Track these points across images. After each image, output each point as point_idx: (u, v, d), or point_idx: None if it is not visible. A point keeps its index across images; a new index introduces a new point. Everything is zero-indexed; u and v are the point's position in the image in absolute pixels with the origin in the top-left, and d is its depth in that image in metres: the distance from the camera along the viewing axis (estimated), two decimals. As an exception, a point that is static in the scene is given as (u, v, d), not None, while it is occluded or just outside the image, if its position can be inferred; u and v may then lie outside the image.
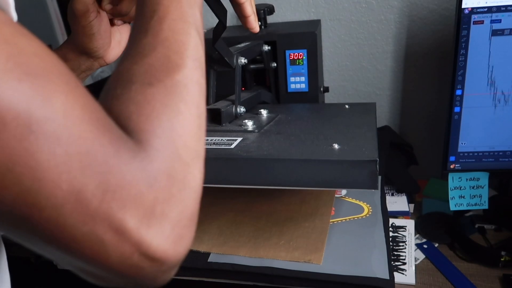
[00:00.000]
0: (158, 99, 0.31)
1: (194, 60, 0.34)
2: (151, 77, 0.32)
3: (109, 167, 0.26)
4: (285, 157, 0.54)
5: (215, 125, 0.70)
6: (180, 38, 0.35)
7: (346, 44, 1.02)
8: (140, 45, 0.34)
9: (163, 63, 0.33)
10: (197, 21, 0.37)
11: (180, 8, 0.36)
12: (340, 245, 0.66)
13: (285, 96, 0.95)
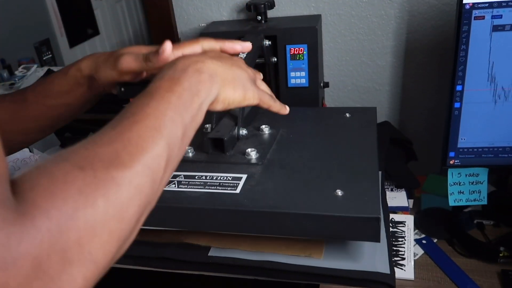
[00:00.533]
0: (77, 184, 0.28)
1: (145, 167, 0.33)
2: (86, 162, 0.30)
3: None
4: (291, 211, 0.55)
5: (219, 153, 0.71)
6: (142, 144, 0.34)
7: (346, 39, 1.02)
8: (103, 135, 0.34)
9: (109, 156, 0.31)
10: (175, 132, 0.37)
11: (163, 116, 0.36)
12: (341, 239, 0.66)
13: (286, 91, 0.95)
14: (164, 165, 0.35)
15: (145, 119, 0.35)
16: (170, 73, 0.41)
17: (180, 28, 1.07)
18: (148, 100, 0.37)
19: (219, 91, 0.43)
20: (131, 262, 0.63)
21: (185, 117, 0.38)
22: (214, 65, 0.44)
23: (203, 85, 0.41)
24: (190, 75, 0.41)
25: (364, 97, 1.07)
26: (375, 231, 0.53)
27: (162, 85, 0.39)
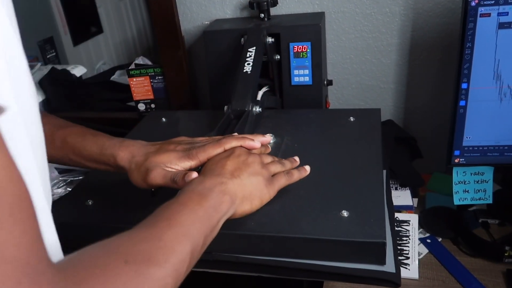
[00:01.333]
0: (123, 278, 0.34)
1: (173, 268, 0.38)
2: (131, 257, 0.35)
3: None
4: (297, 235, 0.56)
5: None
6: (174, 247, 0.40)
7: (350, 37, 1.01)
8: (142, 232, 0.40)
9: (148, 254, 0.37)
10: (198, 241, 0.43)
11: (192, 226, 0.43)
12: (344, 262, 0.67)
13: (289, 89, 0.94)
14: (186, 268, 0.40)
15: (177, 226, 0.42)
16: (200, 189, 0.49)
17: (184, 26, 1.07)
18: (181, 209, 0.45)
19: (236, 209, 0.51)
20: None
21: (207, 229, 0.45)
22: (235, 186, 0.52)
23: (224, 205, 0.49)
24: (215, 195, 0.49)
25: (368, 95, 1.06)
26: (381, 255, 0.54)
27: (193, 198, 0.47)
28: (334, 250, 0.55)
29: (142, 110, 1.12)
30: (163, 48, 1.04)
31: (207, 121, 0.91)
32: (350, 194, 0.62)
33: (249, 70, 0.83)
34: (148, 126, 0.92)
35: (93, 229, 0.64)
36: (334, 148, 0.74)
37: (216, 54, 0.96)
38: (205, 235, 0.44)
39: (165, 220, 0.42)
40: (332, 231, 0.55)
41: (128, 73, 1.08)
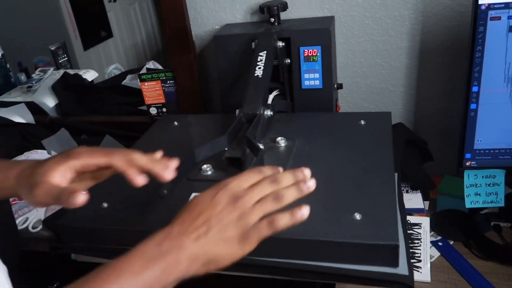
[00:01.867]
0: None
1: None
2: None
3: None
4: (311, 237, 0.57)
5: (237, 171, 0.71)
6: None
7: (359, 40, 1.02)
8: None
9: None
10: None
11: None
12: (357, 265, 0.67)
13: (299, 93, 0.95)
14: None
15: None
16: (155, 249, 0.46)
17: (194, 31, 1.08)
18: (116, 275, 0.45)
19: (196, 272, 0.47)
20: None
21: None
22: (196, 249, 0.46)
23: (179, 271, 0.46)
24: (167, 261, 0.45)
25: (378, 98, 1.06)
26: (394, 257, 0.55)
27: (144, 255, 0.46)
28: (347, 252, 0.56)
29: (154, 114, 1.14)
30: (174, 52, 1.05)
31: (219, 124, 0.92)
32: (362, 197, 0.62)
33: (260, 74, 0.84)
34: (160, 129, 0.94)
35: (108, 231, 0.65)
36: (345, 151, 0.75)
37: (226, 59, 0.97)
38: None
39: (112, 272, 0.44)
40: (345, 234, 0.56)
41: (140, 78, 1.10)
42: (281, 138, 0.79)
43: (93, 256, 0.67)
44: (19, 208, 0.90)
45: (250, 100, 0.80)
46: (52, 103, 1.29)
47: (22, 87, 1.40)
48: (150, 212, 0.65)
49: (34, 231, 0.87)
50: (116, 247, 0.65)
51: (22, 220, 0.89)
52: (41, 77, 1.40)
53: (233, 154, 0.71)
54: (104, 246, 0.66)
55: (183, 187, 0.69)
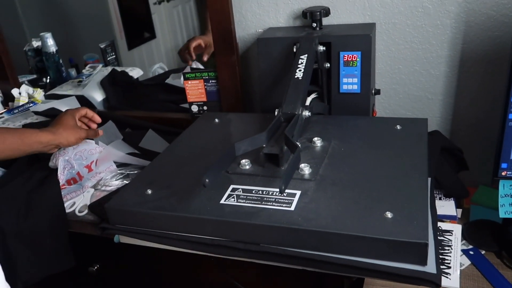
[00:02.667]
0: None
1: None
2: None
3: None
4: (342, 231, 0.59)
5: (274, 167, 0.74)
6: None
7: (399, 47, 1.03)
8: None
9: None
10: None
11: None
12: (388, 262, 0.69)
13: (337, 97, 0.97)
14: None
15: None
16: None
17: (238, 33, 1.13)
18: None
19: None
20: (189, 246, 0.67)
21: None
22: None
23: None
24: None
25: (415, 106, 1.07)
26: (423, 255, 0.56)
27: None
28: (377, 248, 0.58)
29: (195, 112, 1.18)
30: (219, 53, 1.10)
31: (257, 123, 0.96)
32: (394, 197, 0.64)
33: (300, 76, 0.87)
34: (202, 125, 0.98)
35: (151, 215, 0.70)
36: (380, 153, 0.77)
37: (268, 61, 1.00)
38: None
39: None
40: (376, 230, 0.58)
41: (184, 76, 1.15)
42: (317, 138, 0.81)
43: (136, 239, 0.72)
44: (67, 192, 0.97)
45: (289, 101, 0.83)
46: (100, 97, 1.37)
47: (73, 81, 1.49)
48: (190, 200, 0.70)
49: (80, 215, 0.93)
50: (158, 231, 0.70)
51: (70, 204, 0.96)
52: (91, 73, 1.48)
53: (271, 150, 0.74)
54: (147, 230, 0.71)
55: (222, 179, 0.73)
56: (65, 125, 0.92)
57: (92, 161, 1.01)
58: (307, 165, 0.73)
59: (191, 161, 0.82)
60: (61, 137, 0.91)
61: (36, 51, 1.63)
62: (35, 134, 0.89)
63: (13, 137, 0.87)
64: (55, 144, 0.91)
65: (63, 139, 0.91)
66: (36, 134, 0.89)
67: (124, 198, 0.73)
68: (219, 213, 0.66)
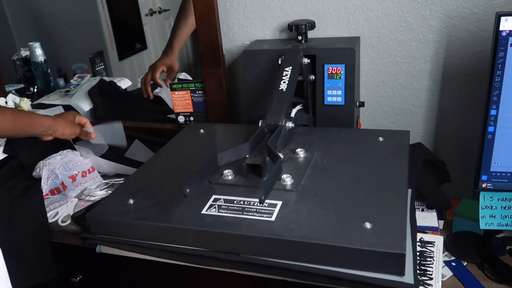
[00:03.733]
0: None
1: None
2: None
3: None
4: (322, 242, 0.60)
5: (257, 178, 0.75)
6: None
7: (383, 61, 1.05)
8: None
9: None
10: None
11: None
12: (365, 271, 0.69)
13: (322, 108, 0.98)
14: None
15: None
16: None
17: (225, 45, 1.14)
18: None
19: None
20: (170, 256, 0.67)
21: None
22: None
23: None
24: None
25: (399, 118, 1.09)
26: (401, 266, 0.57)
27: None
28: (356, 258, 0.58)
29: (182, 122, 1.19)
30: (205, 65, 1.11)
31: (242, 134, 0.96)
32: (374, 208, 0.65)
33: (284, 88, 0.88)
34: (187, 136, 0.98)
35: (133, 225, 0.69)
36: (362, 165, 0.77)
37: (254, 72, 1.01)
38: None
39: None
40: (355, 240, 0.58)
41: (171, 87, 1.16)
42: (300, 150, 0.82)
43: (117, 249, 0.71)
44: (51, 202, 0.96)
45: (273, 112, 0.84)
46: (87, 107, 1.36)
47: (60, 91, 1.49)
48: (172, 210, 0.70)
49: (63, 225, 0.93)
50: (140, 241, 0.70)
51: (52, 213, 0.95)
52: (79, 83, 1.48)
53: (254, 161, 0.74)
54: (129, 240, 0.70)
55: (204, 189, 0.73)
56: (65, 118, 1.04)
57: (78, 172, 1.01)
58: (289, 176, 0.73)
59: (175, 171, 0.82)
60: (59, 126, 1.00)
61: (24, 61, 1.63)
62: (41, 118, 0.99)
63: (23, 118, 0.96)
64: (53, 129, 1.00)
65: (60, 128, 1.00)
66: (42, 118, 1.00)
67: (106, 208, 0.73)
68: (200, 223, 0.66)
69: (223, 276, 0.74)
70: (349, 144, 0.86)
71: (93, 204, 0.95)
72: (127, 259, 0.75)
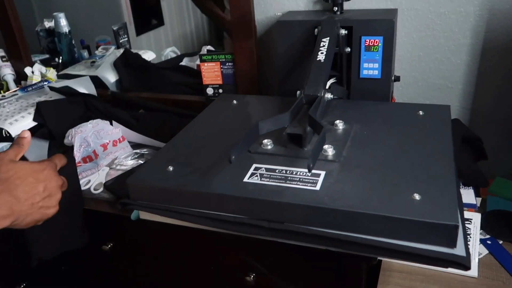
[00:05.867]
0: None
1: None
2: None
3: None
4: (369, 211, 0.58)
5: (297, 148, 0.73)
6: None
7: (421, 34, 1.02)
8: None
9: None
10: None
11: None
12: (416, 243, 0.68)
13: (356, 82, 0.96)
14: None
15: None
16: None
17: (257, 16, 1.11)
18: None
19: None
20: (211, 223, 0.67)
21: None
22: None
23: None
24: None
25: (434, 94, 1.06)
26: (453, 238, 0.55)
27: None
28: (405, 229, 0.57)
29: (210, 95, 1.17)
30: (236, 36, 1.09)
31: (275, 106, 0.95)
32: (422, 180, 0.63)
33: (322, 59, 0.85)
34: (220, 106, 0.97)
35: (172, 191, 0.69)
36: (404, 138, 0.76)
37: (287, 44, 0.99)
38: None
39: None
40: (404, 211, 0.57)
41: (201, 58, 1.14)
42: (339, 121, 0.81)
43: (157, 215, 0.71)
44: (83, 170, 0.96)
45: (311, 83, 0.82)
46: (113, 79, 1.36)
47: (86, 61, 1.48)
48: (212, 177, 0.69)
49: (96, 192, 0.93)
50: (180, 208, 0.69)
51: (85, 181, 0.95)
52: (104, 54, 1.47)
53: (295, 130, 0.73)
54: (169, 206, 0.70)
55: (243, 158, 0.72)
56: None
57: (109, 141, 1.00)
58: (330, 147, 0.72)
59: (211, 141, 0.81)
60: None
61: (47, 32, 1.62)
62: None
63: None
64: None
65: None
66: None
67: (145, 174, 0.73)
68: (242, 190, 0.65)
69: (253, 247, 0.74)
70: (388, 117, 0.84)
71: (125, 173, 0.95)
72: (159, 228, 0.75)
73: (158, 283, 0.99)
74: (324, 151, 0.71)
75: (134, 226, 0.91)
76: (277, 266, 0.81)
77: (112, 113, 1.09)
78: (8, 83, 1.37)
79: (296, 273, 0.81)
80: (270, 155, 0.73)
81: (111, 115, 1.09)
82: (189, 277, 0.95)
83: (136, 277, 1.01)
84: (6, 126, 1.05)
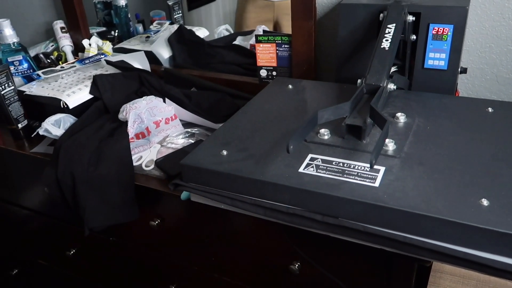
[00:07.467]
0: None
1: None
2: None
3: None
4: (433, 214, 0.55)
5: (355, 140, 0.70)
6: None
7: (494, 24, 0.95)
8: None
9: None
10: None
11: None
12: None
13: (420, 72, 0.91)
14: None
15: None
16: None
17: (318, -2, 1.07)
18: None
19: None
20: (263, 212, 0.66)
21: None
22: None
23: None
24: None
25: (503, 89, 0.99)
26: None
27: None
28: (470, 236, 0.54)
29: (263, 77, 1.15)
30: (295, 17, 1.05)
31: (333, 93, 0.92)
32: (490, 184, 0.59)
33: (387, 47, 0.81)
34: (275, 90, 0.95)
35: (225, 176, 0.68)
36: (470, 136, 0.71)
37: (349, 28, 0.95)
38: None
39: None
40: (471, 217, 0.54)
41: (256, 38, 1.11)
42: (401, 114, 0.77)
43: (208, 198, 0.71)
44: (135, 146, 0.97)
45: (374, 72, 0.78)
46: (167, 55, 1.36)
47: (141, 36, 1.49)
48: (267, 165, 0.68)
49: (147, 169, 0.94)
50: (232, 194, 0.69)
51: (137, 157, 0.97)
52: (158, 29, 1.47)
53: (355, 122, 0.70)
54: (221, 191, 0.70)
55: (299, 147, 0.70)
56: None
57: (161, 119, 1.01)
58: (391, 141, 0.69)
59: (266, 126, 0.80)
60: None
61: (105, 4, 1.63)
62: None
63: None
64: None
65: None
66: None
67: (199, 157, 0.72)
68: (298, 181, 0.63)
69: (299, 238, 0.72)
70: (453, 112, 0.80)
71: (176, 152, 0.96)
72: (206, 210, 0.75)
73: (201, 261, 1.00)
74: (384, 145, 0.68)
75: (183, 204, 0.92)
76: (323, 258, 0.80)
77: (166, 90, 1.10)
78: (67, 54, 1.41)
79: (343, 266, 0.80)
80: (327, 145, 0.71)
81: (164, 92, 1.09)
82: (233, 258, 0.95)
83: (180, 255, 1.03)
84: (64, 97, 1.07)
